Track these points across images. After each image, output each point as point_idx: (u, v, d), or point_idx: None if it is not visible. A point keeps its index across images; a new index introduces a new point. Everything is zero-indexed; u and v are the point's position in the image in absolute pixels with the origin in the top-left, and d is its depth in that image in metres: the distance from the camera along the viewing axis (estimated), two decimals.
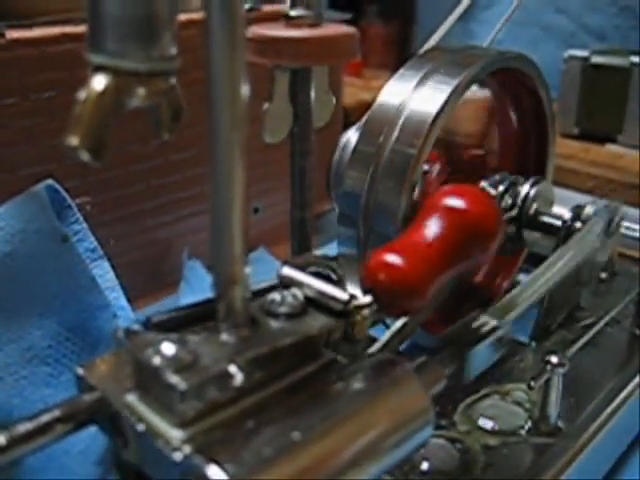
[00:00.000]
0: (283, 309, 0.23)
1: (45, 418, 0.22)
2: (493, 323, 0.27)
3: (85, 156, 0.20)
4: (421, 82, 0.34)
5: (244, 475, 0.18)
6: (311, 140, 0.32)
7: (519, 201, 0.36)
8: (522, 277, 0.43)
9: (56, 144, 0.42)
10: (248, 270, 0.21)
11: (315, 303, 0.24)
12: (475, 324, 0.27)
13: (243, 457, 0.19)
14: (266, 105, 0.29)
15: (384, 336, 0.29)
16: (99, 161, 0.21)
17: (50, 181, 0.32)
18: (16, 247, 0.31)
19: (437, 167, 0.38)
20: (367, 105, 0.53)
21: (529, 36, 0.79)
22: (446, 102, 0.33)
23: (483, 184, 0.37)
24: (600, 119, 0.64)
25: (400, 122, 0.33)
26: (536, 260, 0.41)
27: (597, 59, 0.64)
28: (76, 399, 0.23)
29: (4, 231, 0.31)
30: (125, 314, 0.32)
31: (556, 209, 0.39)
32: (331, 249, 0.38)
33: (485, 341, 0.27)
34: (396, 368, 0.22)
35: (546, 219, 0.36)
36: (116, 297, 0.32)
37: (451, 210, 0.26)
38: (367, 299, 0.23)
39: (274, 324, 0.23)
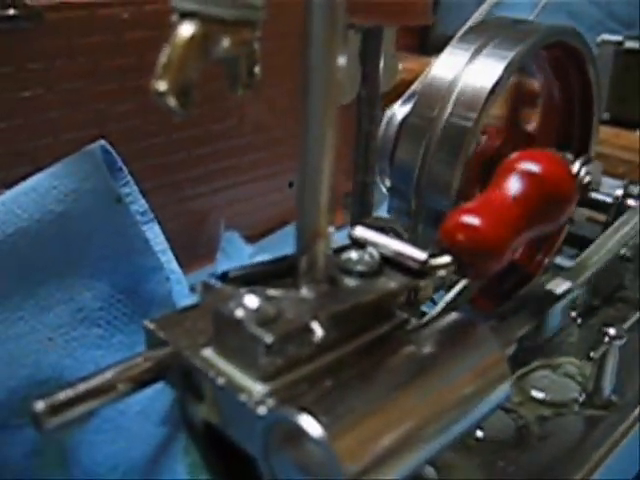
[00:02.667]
0: (360, 267, 0.23)
1: (115, 372, 0.22)
2: (567, 285, 0.28)
3: (172, 102, 0.20)
4: (474, 55, 0.34)
5: (337, 425, 0.18)
6: (378, 104, 0.32)
7: None
8: (559, 260, 0.43)
9: (100, 108, 0.42)
10: (331, 229, 0.21)
11: (390, 262, 0.23)
12: (549, 286, 0.27)
13: (333, 408, 0.19)
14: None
15: (444, 300, 0.29)
16: (184, 108, 0.20)
17: (102, 142, 0.32)
18: (69, 206, 0.30)
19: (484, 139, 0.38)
20: (395, 87, 0.52)
21: (556, 22, 0.79)
22: (502, 76, 0.32)
23: None
24: (631, 104, 0.64)
25: (454, 95, 0.33)
26: (574, 241, 0.42)
27: (630, 44, 0.64)
28: (146, 353, 0.23)
29: (57, 190, 0.30)
30: (176, 277, 0.32)
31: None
32: None
33: (562, 300, 0.28)
34: (476, 328, 0.22)
35: (597, 196, 0.36)
36: (167, 260, 0.32)
37: (528, 173, 0.26)
38: (446, 259, 0.23)
39: (351, 282, 0.23)
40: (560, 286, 0.30)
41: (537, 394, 0.31)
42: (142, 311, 0.31)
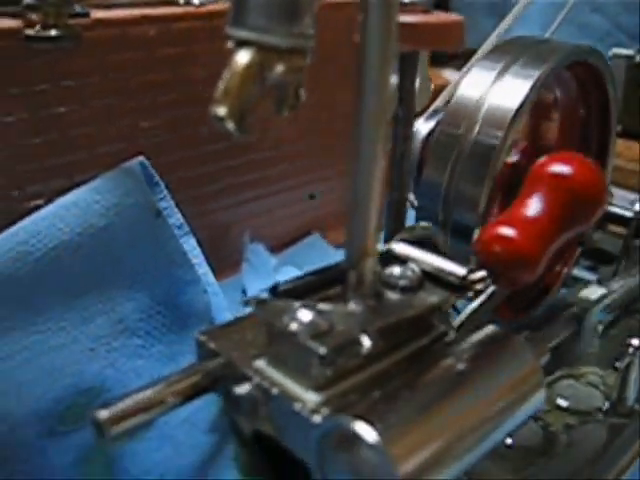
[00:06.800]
0: (403, 282, 0.24)
1: (170, 383, 0.23)
2: (603, 290, 0.29)
3: (231, 126, 0.21)
4: (500, 74, 0.35)
5: (390, 431, 0.19)
6: (412, 125, 0.33)
7: None
8: (576, 271, 0.44)
9: (132, 123, 0.43)
10: (380, 245, 0.22)
11: (430, 277, 0.24)
12: (585, 292, 0.29)
13: (384, 416, 0.20)
14: None
15: (467, 309, 0.30)
16: (242, 132, 0.22)
17: (141, 158, 0.33)
18: (111, 220, 0.31)
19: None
20: None
21: (564, 34, 0.80)
22: (528, 94, 0.33)
23: None
24: None
25: (481, 114, 0.34)
26: (591, 253, 0.43)
27: None
28: (199, 365, 0.24)
29: (100, 204, 0.31)
30: (213, 289, 0.33)
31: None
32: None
33: (599, 305, 0.29)
34: (513, 340, 0.23)
35: (616, 210, 0.37)
36: (204, 273, 0.33)
37: (558, 177, 0.26)
38: (482, 273, 0.24)
39: (394, 296, 0.24)
40: (596, 292, 0.31)
41: (563, 402, 0.32)
42: (180, 322, 0.32)
